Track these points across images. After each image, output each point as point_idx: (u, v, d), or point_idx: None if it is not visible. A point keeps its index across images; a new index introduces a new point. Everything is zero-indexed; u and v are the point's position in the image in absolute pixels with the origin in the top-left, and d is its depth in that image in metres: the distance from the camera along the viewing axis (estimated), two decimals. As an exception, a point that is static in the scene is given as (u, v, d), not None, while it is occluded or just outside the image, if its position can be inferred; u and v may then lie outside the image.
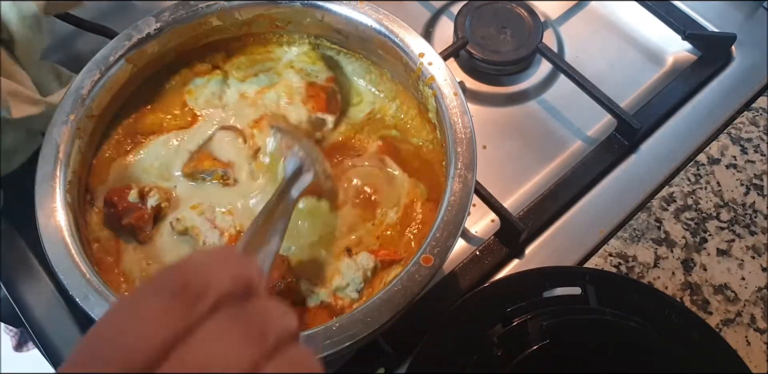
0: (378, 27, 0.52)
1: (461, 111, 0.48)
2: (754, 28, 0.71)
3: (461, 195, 0.44)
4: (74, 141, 0.48)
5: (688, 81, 0.68)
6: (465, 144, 0.46)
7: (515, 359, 0.47)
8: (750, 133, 0.65)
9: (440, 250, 0.43)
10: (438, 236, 0.43)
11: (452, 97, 0.49)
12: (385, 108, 0.57)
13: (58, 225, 0.44)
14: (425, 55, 0.50)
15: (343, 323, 0.40)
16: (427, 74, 0.50)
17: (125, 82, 0.52)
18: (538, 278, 0.53)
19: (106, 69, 0.50)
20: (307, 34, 0.57)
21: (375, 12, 0.52)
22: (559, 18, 0.73)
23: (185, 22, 0.53)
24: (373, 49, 0.54)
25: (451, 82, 0.49)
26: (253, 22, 0.55)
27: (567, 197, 0.61)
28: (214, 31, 0.55)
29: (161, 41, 0.53)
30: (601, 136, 0.65)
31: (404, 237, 0.50)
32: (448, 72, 0.50)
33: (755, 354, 0.54)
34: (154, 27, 0.52)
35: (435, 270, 0.42)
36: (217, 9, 0.53)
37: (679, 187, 0.62)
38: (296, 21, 0.55)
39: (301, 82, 0.56)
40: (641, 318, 0.50)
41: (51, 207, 0.45)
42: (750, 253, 0.59)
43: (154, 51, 0.53)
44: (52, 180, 0.46)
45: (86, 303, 0.42)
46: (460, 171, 0.45)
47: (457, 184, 0.45)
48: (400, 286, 0.41)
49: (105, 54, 0.50)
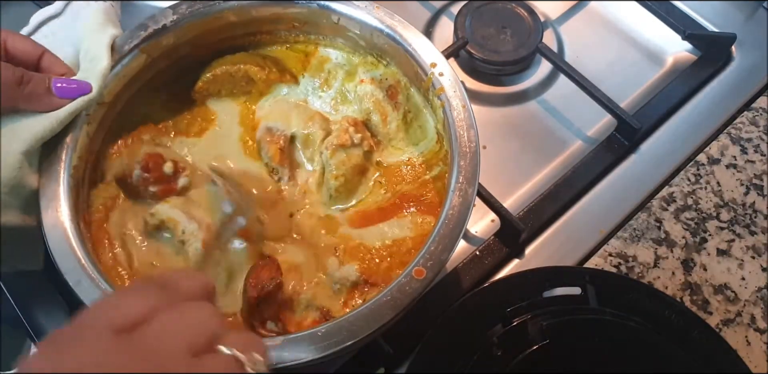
0: (392, 33, 0.51)
1: (468, 124, 0.48)
2: (754, 28, 0.71)
3: (460, 210, 0.44)
4: (82, 126, 0.48)
5: (688, 81, 0.68)
6: (469, 158, 0.46)
7: (515, 359, 0.47)
8: (750, 133, 0.65)
9: (433, 264, 0.42)
10: (433, 249, 0.43)
11: (460, 110, 0.48)
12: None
13: (59, 209, 0.44)
14: (437, 65, 0.50)
15: (329, 330, 0.40)
16: (437, 85, 0.50)
17: (138, 71, 0.53)
18: (538, 278, 0.53)
19: (121, 57, 0.50)
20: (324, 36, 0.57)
21: (389, 18, 0.52)
22: (559, 18, 0.73)
23: (202, 16, 0.53)
24: (387, 54, 0.54)
25: (461, 93, 0.49)
26: (270, 20, 0.55)
27: (567, 197, 0.61)
28: (231, 27, 0.55)
29: (177, 34, 0.53)
30: (601, 136, 0.65)
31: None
32: (459, 84, 0.49)
33: (755, 354, 0.54)
34: (170, 19, 0.52)
35: (427, 284, 0.41)
36: (235, 5, 0.53)
37: (679, 186, 0.62)
38: (312, 22, 0.55)
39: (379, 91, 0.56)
40: (641, 318, 0.50)
41: (54, 191, 0.45)
42: (750, 253, 0.59)
43: (170, 43, 0.53)
44: (57, 164, 0.46)
45: (78, 288, 0.42)
46: (461, 184, 0.45)
47: (456, 198, 0.44)
48: (389, 297, 0.41)
49: (120, 43, 0.51)
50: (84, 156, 0.48)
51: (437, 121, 0.52)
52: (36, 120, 0.45)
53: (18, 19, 0.68)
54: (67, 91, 0.46)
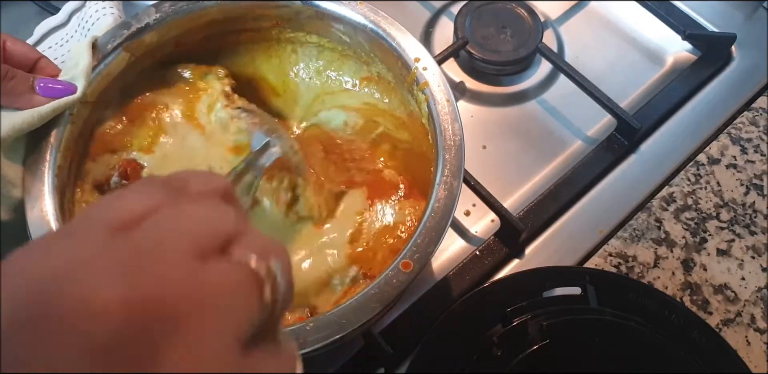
0: (375, 28, 0.52)
1: (452, 118, 0.48)
2: (754, 28, 0.71)
3: (446, 203, 0.44)
4: (66, 126, 0.47)
5: (688, 81, 0.68)
6: (453, 151, 0.46)
7: (515, 359, 0.47)
8: (750, 133, 0.65)
9: (420, 256, 0.42)
10: (419, 242, 0.43)
11: (444, 103, 0.48)
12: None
13: (44, 209, 0.44)
14: (421, 60, 0.50)
15: (318, 324, 0.40)
16: (422, 79, 0.50)
17: (122, 70, 0.52)
18: (538, 278, 0.53)
19: (104, 56, 0.50)
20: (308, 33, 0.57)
21: (373, 13, 0.52)
22: (559, 18, 0.73)
23: (185, 13, 0.53)
24: (371, 50, 0.54)
25: (445, 88, 0.49)
26: (254, 17, 0.55)
27: (567, 197, 0.61)
28: (215, 24, 0.55)
29: (160, 32, 0.52)
30: (601, 136, 0.65)
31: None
32: (443, 78, 0.50)
33: (755, 354, 0.54)
34: (153, 17, 0.52)
35: (413, 276, 0.42)
36: (218, 2, 0.53)
37: (679, 186, 0.62)
38: (295, 19, 0.55)
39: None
40: (641, 318, 0.50)
41: (39, 190, 0.45)
42: (750, 253, 0.59)
43: (153, 41, 0.53)
44: (41, 164, 0.46)
45: None
46: (446, 178, 0.45)
47: (442, 191, 0.45)
48: (377, 290, 0.41)
49: (103, 41, 0.50)
50: (68, 156, 0.48)
51: (422, 116, 0.52)
52: (17, 113, 0.45)
53: (18, 20, 0.69)
54: (51, 91, 0.45)
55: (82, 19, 0.56)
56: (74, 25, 0.57)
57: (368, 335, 0.51)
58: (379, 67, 0.55)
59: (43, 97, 0.45)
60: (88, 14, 0.55)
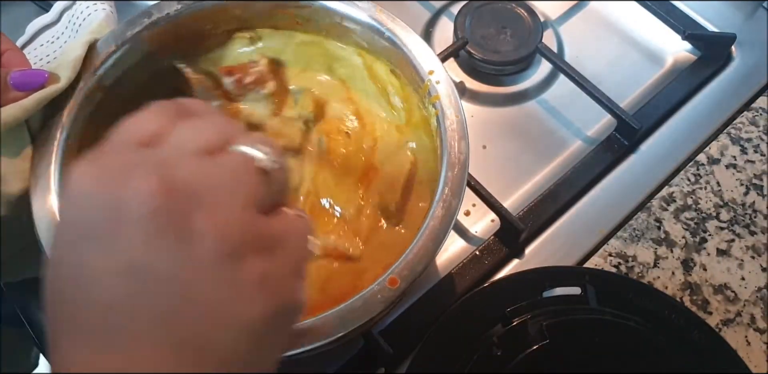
0: (392, 37, 0.51)
1: (460, 135, 0.47)
2: (754, 28, 0.71)
3: (442, 221, 0.43)
4: (79, 108, 0.48)
5: (688, 81, 0.68)
6: (456, 169, 0.46)
7: (515, 359, 0.47)
8: (750, 133, 0.65)
9: (408, 274, 0.41)
10: (410, 259, 0.42)
11: (453, 119, 0.48)
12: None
13: (51, 191, 0.44)
14: (435, 73, 0.50)
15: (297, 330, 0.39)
16: (434, 92, 0.49)
17: (137, 61, 0.52)
18: (538, 278, 0.53)
19: (122, 43, 0.50)
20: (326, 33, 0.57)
21: (391, 21, 0.51)
22: (559, 18, 0.73)
23: (206, 7, 0.53)
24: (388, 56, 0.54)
25: (456, 103, 0.49)
26: (273, 15, 0.55)
27: (567, 197, 0.61)
28: (235, 20, 0.55)
29: (178, 23, 0.53)
30: (601, 136, 0.65)
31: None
32: (455, 93, 0.49)
33: (755, 354, 0.54)
34: (174, 8, 0.52)
35: (398, 293, 0.41)
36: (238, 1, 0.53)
37: (679, 187, 0.62)
38: (315, 20, 0.55)
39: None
40: (641, 318, 0.50)
41: (47, 171, 0.45)
42: (750, 253, 0.59)
43: (170, 33, 0.53)
44: (51, 144, 0.46)
45: None
46: (446, 196, 0.44)
47: (440, 210, 0.44)
48: (361, 303, 0.40)
49: (123, 28, 0.50)
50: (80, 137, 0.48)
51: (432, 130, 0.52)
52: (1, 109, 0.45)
53: (18, 20, 0.69)
54: (25, 84, 0.45)
55: (73, 16, 0.56)
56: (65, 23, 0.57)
57: (368, 335, 0.51)
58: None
59: (20, 91, 0.45)
60: (78, 11, 0.55)
